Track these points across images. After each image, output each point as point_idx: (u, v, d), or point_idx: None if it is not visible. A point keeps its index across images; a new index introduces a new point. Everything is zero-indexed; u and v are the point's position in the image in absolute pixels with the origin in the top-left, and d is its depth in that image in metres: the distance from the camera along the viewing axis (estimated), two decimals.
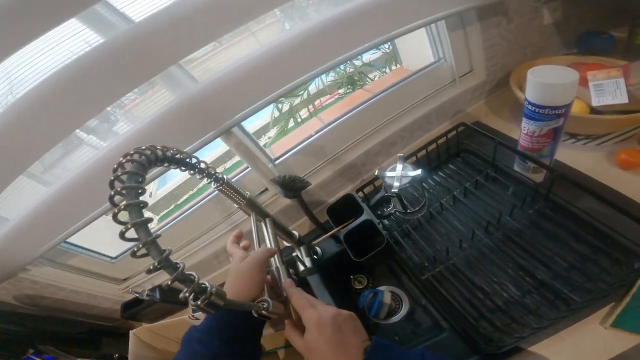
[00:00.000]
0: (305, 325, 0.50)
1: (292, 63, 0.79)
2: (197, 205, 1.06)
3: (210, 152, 2.19)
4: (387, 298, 0.81)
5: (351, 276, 0.92)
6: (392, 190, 0.77)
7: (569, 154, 0.86)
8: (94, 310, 1.09)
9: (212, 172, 0.59)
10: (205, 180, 0.60)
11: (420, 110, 1.06)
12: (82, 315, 1.09)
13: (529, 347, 0.65)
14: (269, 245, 0.67)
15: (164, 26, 0.66)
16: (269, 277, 0.61)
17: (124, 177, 0.37)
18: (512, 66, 1.04)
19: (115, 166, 0.38)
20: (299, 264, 0.81)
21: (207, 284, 0.39)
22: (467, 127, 0.92)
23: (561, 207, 0.77)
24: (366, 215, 0.81)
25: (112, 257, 1.11)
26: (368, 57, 1.91)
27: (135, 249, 0.34)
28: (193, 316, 0.80)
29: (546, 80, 0.67)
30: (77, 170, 0.77)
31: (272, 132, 1.97)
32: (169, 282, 0.35)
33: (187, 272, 0.37)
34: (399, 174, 0.79)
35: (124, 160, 0.39)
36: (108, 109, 0.71)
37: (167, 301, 1.01)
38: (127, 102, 0.92)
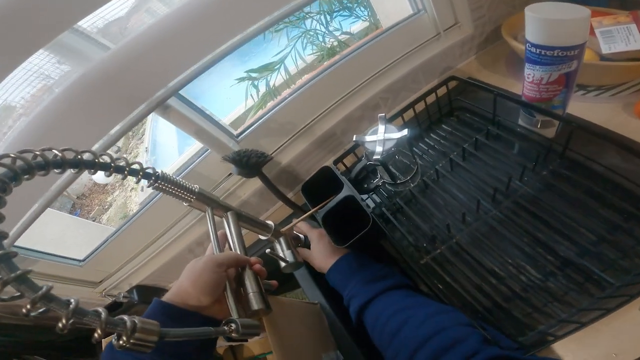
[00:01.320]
0: (311, 238, 0.69)
1: (231, 13, 0.61)
2: (154, 199, 0.88)
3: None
4: None
5: None
6: (375, 157, 0.60)
7: (580, 107, 0.70)
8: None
9: (138, 169, 0.43)
10: (134, 181, 0.43)
11: (404, 68, 0.89)
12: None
13: (555, 341, 0.50)
14: (233, 247, 0.53)
15: None
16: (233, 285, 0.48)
17: None
18: (501, 18, 0.89)
19: None
20: (279, 260, 0.64)
21: (124, 318, 0.30)
22: (460, 81, 0.75)
23: (580, 165, 0.61)
24: (347, 190, 0.64)
25: (79, 260, 0.95)
26: (350, 28, 1.72)
27: None
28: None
29: (554, 16, 0.53)
30: None
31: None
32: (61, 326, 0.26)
33: (94, 310, 0.28)
34: (381, 137, 0.62)
35: None
36: None
37: (147, 302, 0.89)
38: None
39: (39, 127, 0.58)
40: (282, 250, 0.66)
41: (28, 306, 0.25)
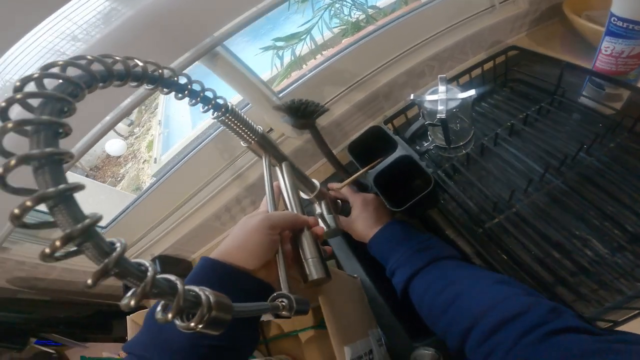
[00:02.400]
0: (353, 204, 0.64)
1: None
2: (194, 151, 0.81)
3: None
4: None
5: None
6: (439, 115, 0.56)
7: None
8: (96, 290, 0.86)
9: (211, 98, 0.38)
10: (201, 109, 0.39)
11: (453, 38, 0.83)
12: (86, 296, 0.89)
13: (622, 318, 0.46)
14: (289, 200, 0.46)
15: None
16: (288, 247, 0.42)
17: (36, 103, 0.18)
18: None
19: (19, 83, 0.19)
20: (324, 224, 0.59)
21: (198, 292, 0.23)
22: (521, 51, 0.70)
23: None
24: (402, 150, 0.59)
25: (102, 227, 0.88)
26: (378, 2, 1.64)
27: (49, 249, 0.16)
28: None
29: None
30: None
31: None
32: (133, 303, 0.19)
33: (163, 277, 0.22)
34: (443, 96, 0.58)
35: (35, 76, 0.19)
36: None
37: (169, 273, 0.82)
38: None
39: None
40: (323, 214, 0.61)
41: (99, 271, 0.18)
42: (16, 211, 0.15)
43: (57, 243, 0.16)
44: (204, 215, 0.87)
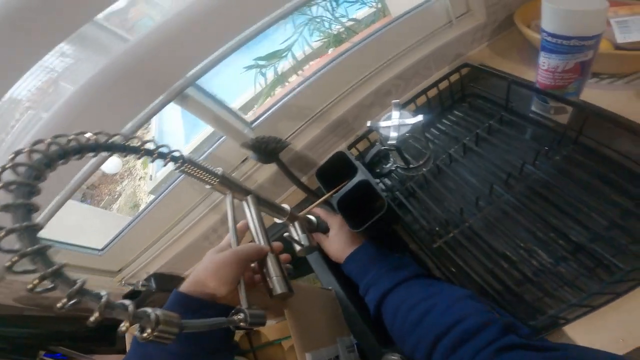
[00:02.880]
0: (331, 226, 0.67)
1: (243, 4, 0.60)
2: (170, 187, 0.88)
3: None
4: None
5: None
6: (390, 142, 0.60)
7: (594, 94, 0.68)
8: None
9: (166, 152, 0.42)
10: (161, 163, 0.43)
11: (415, 55, 0.87)
12: (89, 311, 0.92)
13: (565, 325, 0.50)
14: (254, 230, 0.51)
15: None
16: (256, 276, 0.49)
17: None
18: (513, 6, 0.86)
19: None
20: (295, 244, 0.63)
21: (148, 310, 0.29)
22: (472, 68, 0.74)
23: (593, 151, 0.60)
24: (361, 175, 0.63)
25: (99, 250, 0.94)
26: (357, 14, 1.67)
27: (31, 285, 0.24)
28: None
29: (572, 7, 0.52)
30: None
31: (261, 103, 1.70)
32: (94, 319, 0.26)
33: (121, 302, 0.27)
34: (395, 122, 0.61)
35: (7, 166, 0.27)
36: None
37: (164, 290, 0.87)
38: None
39: (63, 118, 0.58)
40: (297, 234, 0.65)
41: (64, 300, 0.24)
42: (7, 263, 0.23)
43: (36, 281, 0.24)
44: (193, 237, 0.92)
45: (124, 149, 0.36)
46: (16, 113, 0.66)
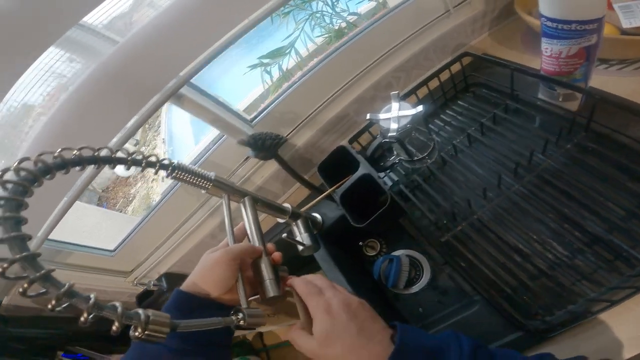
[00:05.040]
0: (312, 317, 0.39)
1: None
2: (176, 187, 0.86)
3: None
4: (405, 264, 0.63)
5: (361, 243, 0.73)
6: (390, 134, 0.56)
7: (603, 80, 0.64)
8: None
9: (155, 161, 0.41)
10: (152, 172, 0.43)
11: (415, 47, 0.83)
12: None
13: (584, 320, 0.46)
14: (250, 232, 0.50)
15: None
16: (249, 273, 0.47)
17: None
18: None
19: None
20: (296, 244, 0.61)
21: (139, 311, 0.30)
22: (474, 57, 0.70)
23: (606, 137, 0.55)
24: (363, 169, 0.59)
25: (110, 250, 0.95)
26: (359, 8, 1.62)
27: (22, 288, 0.25)
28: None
29: None
30: None
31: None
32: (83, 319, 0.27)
33: (112, 304, 0.29)
34: (395, 114, 0.57)
35: None
36: None
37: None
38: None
39: (58, 126, 0.57)
40: (300, 233, 0.63)
41: (53, 302, 0.26)
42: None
43: (25, 285, 0.25)
44: (200, 236, 0.92)
45: (110, 162, 0.36)
46: (29, 119, 0.66)
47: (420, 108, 0.54)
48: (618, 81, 0.65)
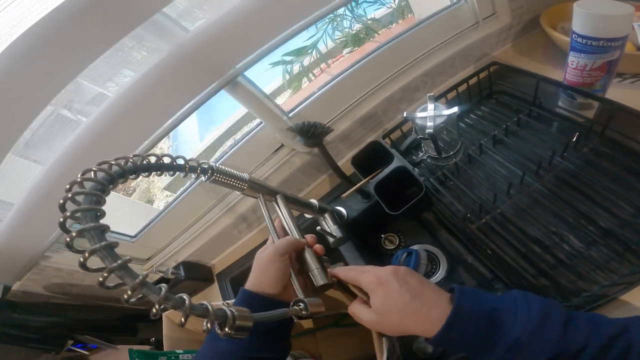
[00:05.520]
0: (368, 292, 0.41)
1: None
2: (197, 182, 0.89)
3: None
4: (423, 257, 0.66)
5: (382, 235, 0.76)
6: (427, 130, 0.61)
7: (618, 92, 0.69)
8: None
9: (196, 165, 0.44)
10: (192, 177, 0.46)
11: (442, 54, 0.88)
12: (113, 301, 0.95)
13: (600, 304, 0.50)
14: (288, 227, 0.53)
15: None
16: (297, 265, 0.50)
17: (80, 198, 0.30)
18: (538, 9, 0.87)
19: (68, 186, 0.30)
20: (327, 236, 0.64)
21: (225, 309, 0.31)
22: (501, 66, 0.75)
23: (619, 143, 0.61)
24: (398, 162, 0.65)
25: (131, 236, 0.95)
26: (374, 13, 1.68)
27: (101, 279, 0.26)
28: (227, 303, 0.65)
29: (601, 12, 0.55)
30: (70, 142, 0.63)
31: (286, 95, 1.68)
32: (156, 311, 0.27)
33: (200, 303, 0.30)
34: (431, 113, 0.63)
35: (79, 179, 0.31)
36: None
37: (192, 278, 0.92)
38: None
39: (130, 98, 0.62)
40: (328, 227, 0.66)
41: (129, 292, 0.26)
42: (81, 259, 0.26)
43: (105, 274, 0.26)
44: (222, 225, 0.94)
45: (171, 168, 0.40)
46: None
47: (455, 109, 0.59)
48: (633, 93, 0.70)
